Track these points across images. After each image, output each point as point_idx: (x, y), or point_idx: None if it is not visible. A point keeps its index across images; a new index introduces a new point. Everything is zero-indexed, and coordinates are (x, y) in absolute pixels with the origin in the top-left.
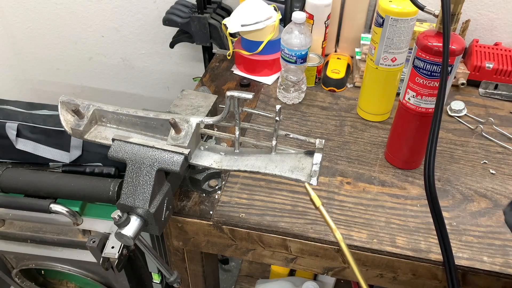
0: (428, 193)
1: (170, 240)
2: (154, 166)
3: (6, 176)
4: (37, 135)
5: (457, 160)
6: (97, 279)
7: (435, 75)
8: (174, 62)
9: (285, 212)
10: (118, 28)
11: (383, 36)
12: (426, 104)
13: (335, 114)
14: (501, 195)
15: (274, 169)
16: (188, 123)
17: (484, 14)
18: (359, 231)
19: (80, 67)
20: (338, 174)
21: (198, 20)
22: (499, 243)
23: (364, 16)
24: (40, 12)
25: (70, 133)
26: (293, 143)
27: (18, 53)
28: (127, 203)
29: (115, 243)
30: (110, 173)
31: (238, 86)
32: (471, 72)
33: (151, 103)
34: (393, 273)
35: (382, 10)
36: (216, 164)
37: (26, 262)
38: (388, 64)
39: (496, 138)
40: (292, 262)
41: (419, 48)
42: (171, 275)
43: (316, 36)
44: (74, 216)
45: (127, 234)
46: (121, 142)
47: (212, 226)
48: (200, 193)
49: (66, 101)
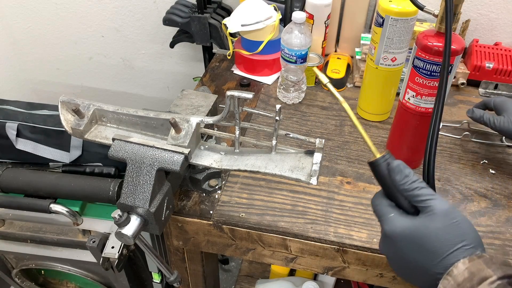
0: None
1: (170, 240)
2: (154, 165)
3: (6, 176)
4: (37, 135)
5: (457, 160)
6: (97, 279)
7: (435, 75)
8: (174, 62)
9: (285, 212)
10: (118, 28)
11: (383, 36)
12: (426, 104)
13: (335, 114)
14: (501, 195)
15: (274, 169)
16: (188, 122)
17: (484, 14)
18: (359, 231)
19: (80, 67)
20: (338, 173)
21: (198, 20)
22: (499, 243)
23: (364, 16)
24: (40, 12)
25: (71, 132)
26: (293, 142)
27: (18, 53)
28: (127, 203)
29: (115, 243)
30: (110, 173)
31: (238, 86)
32: (471, 72)
33: (151, 103)
34: (393, 273)
35: (382, 10)
36: (216, 164)
37: (26, 262)
38: (388, 64)
39: (496, 138)
40: (292, 261)
41: (419, 48)
42: (171, 274)
43: (316, 36)
44: (74, 216)
45: (127, 234)
46: (121, 142)
47: (212, 225)
48: (200, 193)
49: (66, 101)
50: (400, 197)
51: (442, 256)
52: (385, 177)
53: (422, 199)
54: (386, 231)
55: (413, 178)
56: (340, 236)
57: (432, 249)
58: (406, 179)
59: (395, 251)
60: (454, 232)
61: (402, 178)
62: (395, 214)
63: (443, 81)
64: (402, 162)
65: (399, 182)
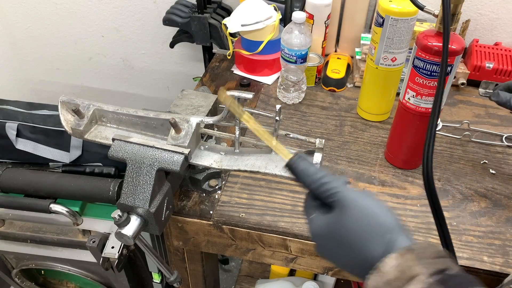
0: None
1: (170, 240)
2: (154, 165)
3: (6, 176)
4: (37, 135)
5: (457, 160)
6: (97, 279)
7: (435, 75)
8: (174, 62)
9: (285, 212)
10: (118, 28)
11: (383, 36)
12: (426, 104)
13: (335, 114)
14: (501, 195)
15: (274, 169)
16: (188, 122)
17: (484, 14)
18: None
19: (80, 67)
20: (338, 173)
21: (198, 20)
22: (499, 243)
23: (364, 16)
24: (40, 12)
25: (70, 132)
26: (293, 143)
27: (18, 53)
28: (127, 203)
29: (115, 243)
30: (110, 173)
31: (238, 86)
32: (471, 72)
33: (151, 103)
34: None
35: (382, 10)
36: (216, 164)
37: (26, 262)
38: (388, 64)
39: (496, 138)
40: (292, 262)
41: (419, 48)
42: (171, 275)
43: (316, 36)
44: (74, 216)
45: (127, 234)
46: (121, 142)
47: (212, 226)
48: (200, 193)
49: (66, 101)
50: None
51: (361, 251)
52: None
53: (329, 193)
54: (311, 233)
55: (319, 174)
56: None
57: (349, 245)
58: (313, 177)
59: (323, 252)
60: (367, 222)
61: (309, 177)
62: (316, 214)
63: (442, 79)
64: (308, 162)
65: (309, 182)
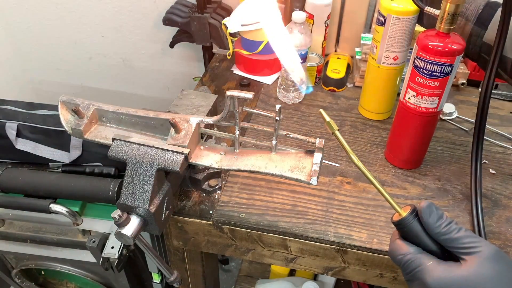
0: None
1: (170, 240)
2: (154, 165)
3: (6, 176)
4: (37, 135)
5: (457, 159)
6: (97, 279)
7: (436, 74)
8: (174, 62)
9: (285, 212)
10: (118, 28)
11: (384, 35)
12: (427, 104)
13: (335, 114)
14: (501, 195)
15: (274, 169)
16: (188, 122)
17: None
18: (359, 231)
19: (80, 67)
20: (338, 173)
21: (198, 20)
22: (499, 243)
23: (364, 16)
24: (40, 12)
25: (70, 132)
26: (293, 143)
27: (18, 53)
28: (127, 203)
29: (115, 243)
30: (110, 173)
31: (238, 86)
32: (471, 72)
33: (151, 103)
34: (393, 273)
35: (384, 9)
36: (216, 164)
37: (26, 262)
38: (389, 62)
39: (496, 138)
40: (292, 262)
41: (420, 48)
42: (171, 275)
43: (316, 36)
44: (74, 216)
45: (127, 234)
46: (121, 142)
47: (212, 226)
48: (200, 193)
49: (66, 101)
50: (428, 240)
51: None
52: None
53: (466, 245)
54: (431, 284)
55: (447, 219)
56: (340, 236)
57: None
58: (440, 221)
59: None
60: (509, 277)
61: (436, 221)
62: (433, 262)
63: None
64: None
65: (433, 225)
